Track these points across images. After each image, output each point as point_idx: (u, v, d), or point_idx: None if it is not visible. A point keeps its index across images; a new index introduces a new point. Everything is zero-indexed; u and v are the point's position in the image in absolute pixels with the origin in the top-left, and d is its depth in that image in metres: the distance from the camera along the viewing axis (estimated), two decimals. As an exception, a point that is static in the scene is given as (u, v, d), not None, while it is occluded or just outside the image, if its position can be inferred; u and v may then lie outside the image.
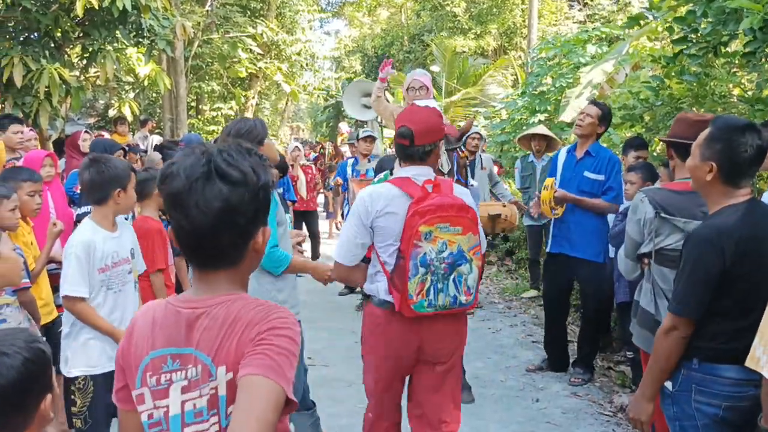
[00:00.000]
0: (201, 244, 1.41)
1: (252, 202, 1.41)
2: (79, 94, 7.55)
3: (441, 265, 2.79)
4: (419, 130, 2.85)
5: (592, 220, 4.84)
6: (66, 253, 3.18)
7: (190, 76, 16.92)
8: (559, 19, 23.44)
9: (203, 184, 1.36)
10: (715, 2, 3.67)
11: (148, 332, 1.47)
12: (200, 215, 1.36)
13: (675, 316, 2.36)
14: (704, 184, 2.42)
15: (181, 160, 1.41)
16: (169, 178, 1.40)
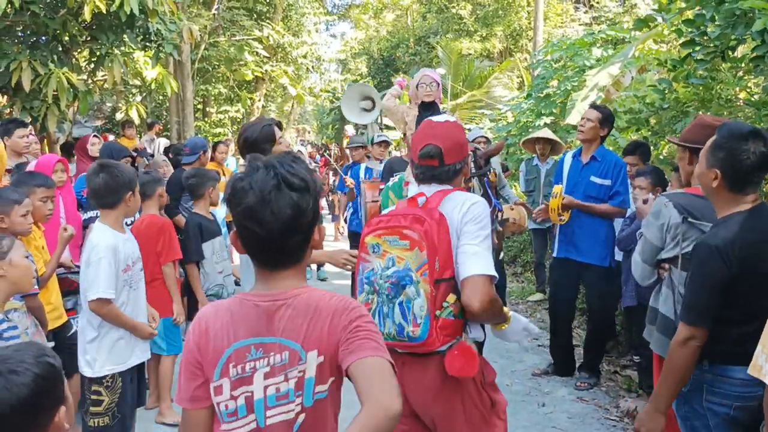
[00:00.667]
0: (275, 248, 1.59)
1: (314, 205, 1.60)
2: (86, 97, 7.58)
3: (385, 284, 2.39)
4: (448, 147, 2.52)
5: (599, 225, 4.84)
6: (92, 258, 3.28)
7: (197, 79, 16.97)
8: (564, 22, 23.42)
9: (276, 194, 1.53)
10: (724, 5, 3.66)
11: (228, 326, 1.62)
12: (274, 222, 1.53)
13: (690, 326, 2.37)
14: (711, 191, 2.45)
15: (249, 175, 1.57)
16: (242, 193, 1.55)
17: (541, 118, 9.84)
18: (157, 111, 17.74)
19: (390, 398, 1.42)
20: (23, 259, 2.79)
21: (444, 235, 2.39)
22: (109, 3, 6.86)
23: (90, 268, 3.28)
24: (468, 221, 2.42)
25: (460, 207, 2.45)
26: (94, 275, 3.26)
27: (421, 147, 2.53)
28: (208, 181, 4.83)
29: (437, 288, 2.35)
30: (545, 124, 9.66)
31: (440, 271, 2.36)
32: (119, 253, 3.37)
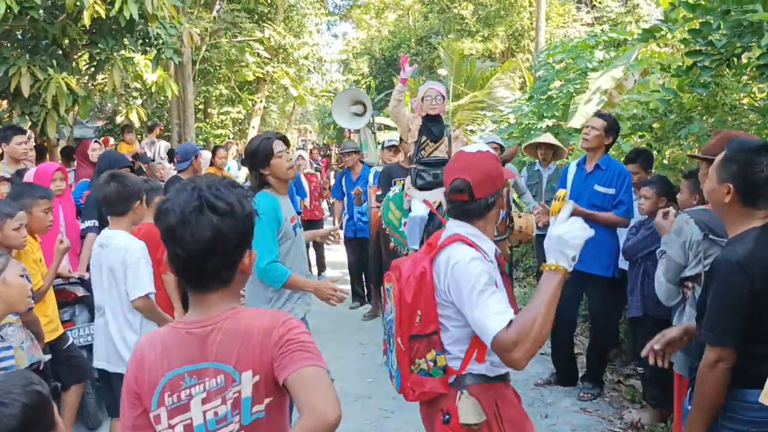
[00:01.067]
0: (195, 269, 1.61)
1: (238, 230, 1.61)
2: (86, 102, 7.55)
3: (387, 329, 2.45)
4: (478, 181, 2.36)
5: (603, 235, 4.77)
6: (128, 260, 3.51)
7: (198, 81, 16.93)
8: (566, 22, 23.37)
9: (196, 216, 1.56)
10: (730, 15, 3.61)
11: (161, 356, 1.63)
12: (194, 244, 1.56)
13: (717, 347, 2.28)
14: (722, 207, 2.39)
15: (174, 196, 1.60)
16: (164, 214, 1.59)
17: (543, 120, 9.78)
18: (158, 112, 17.71)
19: (327, 406, 1.47)
20: (18, 278, 2.75)
21: (426, 290, 2.31)
22: (109, 8, 6.81)
23: (129, 270, 3.51)
24: (455, 287, 2.25)
25: (446, 267, 2.30)
26: (135, 275, 3.51)
27: (451, 181, 2.40)
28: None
29: (413, 344, 2.33)
30: (547, 126, 9.61)
31: (421, 326, 2.31)
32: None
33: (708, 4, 3.76)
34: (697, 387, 2.37)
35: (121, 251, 3.54)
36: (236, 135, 20.03)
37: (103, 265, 3.61)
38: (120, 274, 3.53)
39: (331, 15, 27.37)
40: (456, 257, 2.28)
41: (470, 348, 2.32)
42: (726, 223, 2.43)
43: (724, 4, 3.51)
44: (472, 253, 2.29)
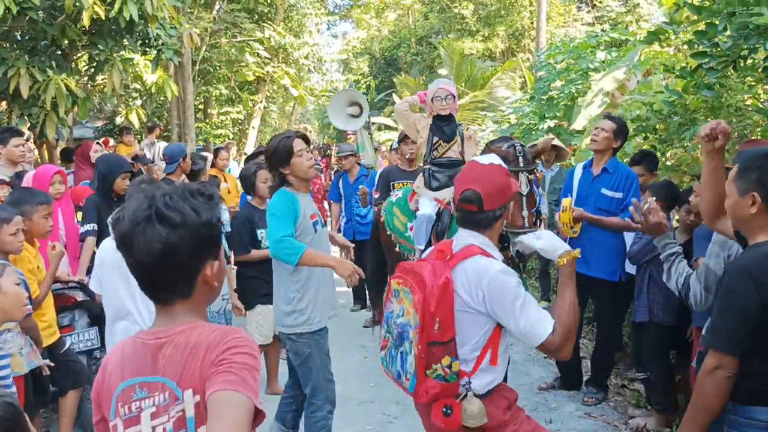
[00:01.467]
0: (149, 280, 1.56)
1: (193, 241, 1.52)
2: (86, 103, 7.51)
3: (394, 330, 2.54)
4: (488, 193, 2.51)
5: (609, 239, 4.74)
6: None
7: (198, 81, 16.88)
8: (567, 21, 23.32)
9: (144, 226, 1.49)
10: (736, 17, 3.57)
11: (118, 366, 1.60)
12: (143, 255, 1.50)
13: (717, 352, 2.22)
14: (748, 219, 2.31)
15: (128, 203, 1.56)
16: (118, 222, 1.54)
17: (545, 121, 9.73)
18: (158, 112, 17.66)
19: None
20: (13, 286, 2.71)
21: (447, 299, 2.42)
22: (108, 9, 6.76)
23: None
24: (494, 300, 2.41)
25: (477, 280, 2.44)
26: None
27: (462, 191, 2.55)
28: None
29: (431, 350, 2.42)
30: (549, 127, 9.57)
31: (439, 334, 2.42)
32: None
33: (713, 6, 3.72)
34: (695, 393, 2.32)
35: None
36: (236, 135, 19.97)
37: (114, 265, 3.46)
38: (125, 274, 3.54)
39: (331, 15, 27.29)
40: (489, 272, 2.43)
41: (482, 352, 2.48)
42: (750, 238, 2.34)
43: (729, 6, 3.46)
44: (500, 265, 2.46)
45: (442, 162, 4.90)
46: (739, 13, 3.58)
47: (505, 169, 2.64)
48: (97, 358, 4.47)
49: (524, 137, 10.07)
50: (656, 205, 3.22)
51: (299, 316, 3.60)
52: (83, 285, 4.52)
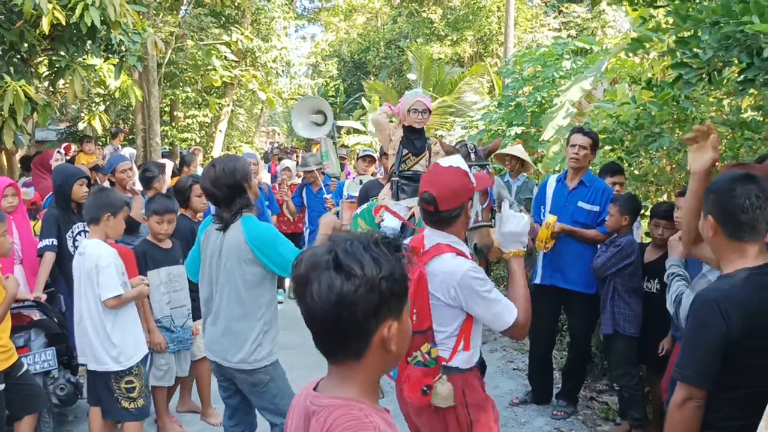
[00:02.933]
0: (320, 332, 1.41)
1: (369, 296, 1.37)
2: (45, 110, 7.29)
3: None
4: (443, 196, 2.67)
5: (585, 252, 4.75)
6: (100, 264, 3.78)
7: (164, 84, 16.61)
8: (534, 27, 23.51)
9: (319, 274, 1.37)
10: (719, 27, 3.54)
11: (290, 415, 1.55)
12: (315, 304, 1.37)
13: (686, 385, 2.19)
14: (712, 243, 2.30)
15: (312, 247, 1.49)
16: (297, 264, 1.43)
17: (512, 127, 9.76)
18: (123, 115, 17.35)
19: None
20: None
21: (422, 291, 2.61)
22: (69, 14, 6.58)
23: (101, 274, 3.76)
24: (467, 296, 2.61)
25: (451, 276, 2.62)
26: (107, 278, 3.76)
27: (421, 192, 2.73)
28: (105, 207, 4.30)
29: (413, 338, 2.36)
30: (516, 134, 9.60)
31: (417, 323, 2.61)
32: (117, 258, 3.90)
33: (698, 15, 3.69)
34: (666, 425, 2.29)
35: (94, 257, 3.79)
36: (203, 139, 19.73)
37: (82, 272, 3.84)
38: (94, 278, 3.77)
39: (300, 18, 27.12)
40: (460, 269, 2.62)
41: (457, 340, 2.69)
42: (720, 261, 2.32)
43: (714, 14, 3.44)
44: (469, 263, 2.66)
45: (409, 175, 4.86)
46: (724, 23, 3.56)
47: (463, 171, 2.74)
48: (55, 378, 4.33)
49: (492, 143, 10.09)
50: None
51: (261, 350, 3.40)
52: (40, 303, 4.37)
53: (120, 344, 3.82)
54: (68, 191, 4.83)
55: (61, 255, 4.73)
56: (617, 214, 4.47)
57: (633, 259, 4.39)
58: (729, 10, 3.44)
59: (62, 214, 4.82)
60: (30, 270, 4.76)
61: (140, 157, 13.25)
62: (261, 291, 3.35)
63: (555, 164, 7.65)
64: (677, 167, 5.78)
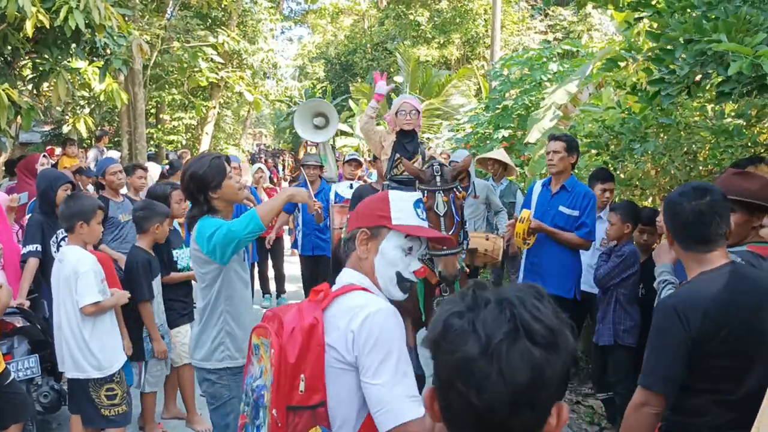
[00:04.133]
0: (493, 426, 1.07)
1: (562, 372, 1.07)
2: (29, 114, 7.23)
3: (251, 397, 1.96)
4: (351, 221, 2.18)
5: (566, 256, 4.76)
6: (79, 270, 3.79)
7: (150, 85, 16.53)
8: (521, 30, 23.62)
9: (509, 346, 1.04)
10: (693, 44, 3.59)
11: None
12: (501, 388, 1.03)
13: (643, 389, 2.24)
14: (674, 251, 2.39)
15: (471, 310, 1.09)
16: (459, 336, 1.06)
17: (500, 131, 9.80)
18: (108, 118, 17.24)
19: None
20: None
21: (314, 346, 1.85)
22: (53, 17, 6.53)
23: (80, 281, 3.77)
24: (363, 350, 1.83)
25: (349, 319, 1.87)
26: (85, 285, 3.77)
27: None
28: (155, 216, 4.54)
29: (292, 417, 1.84)
30: (503, 137, 9.64)
31: (305, 396, 1.84)
32: (96, 265, 3.90)
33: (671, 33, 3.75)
34: (622, 426, 2.33)
35: (72, 263, 3.81)
36: (189, 141, 19.64)
37: (60, 279, 3.85)
38: (73, 285, 3.78)
39: (287, 19, 27.09)
40: (371, 307, 1.88)
41: (365, 422, 1.88)
42: (686, 270, 2.37)
43: (687, 32, 3.49)
44: (383, 304, 1.91)
45: (401, 179, 4.81)
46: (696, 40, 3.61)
47: (377, 192, 2.45)
48: (38, 385, 4.30)
49: (479, 146, 10.13)
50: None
51: (224, 350, 3.20)
52: (23, 310, 4.33)
53: (99, 352, 3.84)
54: (52, 196, 4.80)
55: (45, 261, 4.68)
56: (619, 223, 4.38)
57: (636, 269, 4.33)
58: (700, 28, 3.49)
59: (46, 219, 4.78)
60: (12, 276, 4.72)
61: (125, 159, 13.18)
62: (216, 289, 3.18)
63: (541, 168, 7.69)
64: (662, 171, 5.82)
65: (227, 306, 3.20)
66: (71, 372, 3.85)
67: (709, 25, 3.28)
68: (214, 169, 3.18)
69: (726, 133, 5.00)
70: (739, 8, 3.41)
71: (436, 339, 1.10)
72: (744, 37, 3.20)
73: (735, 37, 3.19)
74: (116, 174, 5.83)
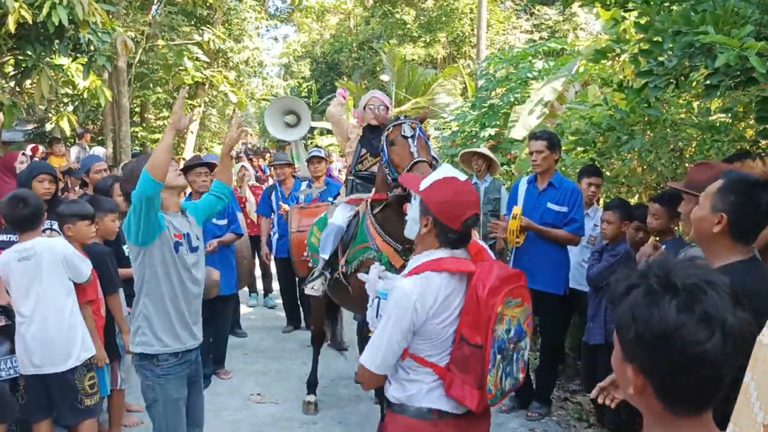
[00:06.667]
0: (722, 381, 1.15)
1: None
2: (11, 111, 7.16)
3: (510, 346, 2.37)
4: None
5: (554, 252, 4.76)
6: (67, 252, 3.86)
7: (134, 84, 16.40)
8: (506, 29, 23.67)
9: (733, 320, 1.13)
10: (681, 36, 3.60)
11: None
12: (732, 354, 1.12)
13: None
14: (708, 236, 2.31)
15: (706, 301, 1.12)
16: (701, 329, 1.10)
17: (486, 129, 9.80)
18: (92, 116, 17.10)
19: None
20: None
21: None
22: (36, 13, 6.46)
23: (75, 260, 3.86)
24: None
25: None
26: (80, 260, 3.89)
27: (471, 215, 2.35)
28: (98, 211, 4.37)
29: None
30: (490, 135, 9.63)
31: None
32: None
33: (659, 25, 3.75)
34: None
35: (54, 250, 3.83)
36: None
37: (34, 273, 3.78)
38: (62, 269, 3.81)
39: (272, 18, 26.97)
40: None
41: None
42: (706, 252, 2.36)
43: (675, 24, 3.49)
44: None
45: (365, 175, 4.69)
46: (684, 32, 3.61)
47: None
48: (20, 385, 4.22)
49: (466, 144, 10.12)
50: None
51: (141, 334, 3.15)
52: (4, 308, 4.25)
53: (85, 334, 3.91)
54: (29, 187, 4.71)
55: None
56: (617, 221, 4.37)
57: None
58: (688, 20, 3.50)
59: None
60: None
61: (110, 158, 13.06)
62: (139, 273, 3.15)
63: (528, 166, 7.69)
64: (648, 169, 5.83)
65: (147, 290, 3.14)
66: (66, 363, 3.79)
67: (697, 17, 3.28)
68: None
69: (713, 129, 5.02)
70: (726, 0, 3.42)
71: (647, 333, 1.13)
72: (731, 29, 3.20)
73: (722, 29, 3.20)
74: (100, 172, 5.77)
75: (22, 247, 3.87)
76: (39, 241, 3.87)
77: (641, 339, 1.14)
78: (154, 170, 2.90)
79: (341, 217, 4.51)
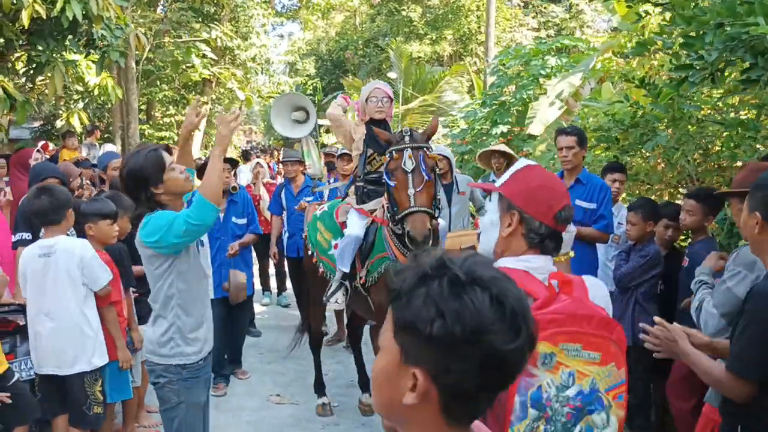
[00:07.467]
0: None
1: None
2: (24, 107, 7.09)
3: (563, 408, 1.77)
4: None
5: (584, 252, 4.66)
6: (85, 255, 3.78)
7: (142, 82, 16.34)
8: (513, 26, 23.58)
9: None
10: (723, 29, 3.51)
11: None
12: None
13: (733, 375, 2.14)
14: (756, 241, 2.25)
15: (510, 296, 1.04)
16: (512, 327, 1.02)
17: (497, 126, 9.71)
18: (99, 113, 17.04)
19: None
20: None
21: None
22: (50, 8, 6.39)
23: (93, 264, 3.78)
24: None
25: (602, 298, 1.92)
26: (99, 266, 3.81)
27: (564, 206, 1.92)
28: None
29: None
30: (502, 132, 9.55)
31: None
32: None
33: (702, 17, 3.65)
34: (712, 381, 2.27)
35: (72, 252, 3.75)
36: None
37: (51, 272, 3.73)
38: (77, 273, 3.73)
39: (279, 15, 26.90)
40: (602, 285, 2.05)
41: None
42: (761, 258, 2.28)
43: (719, 16, 3.40)
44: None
45: (374, 178, 4.38)
46: (728, 24, 3.52)
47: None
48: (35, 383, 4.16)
49: (476, 142, 10.04)
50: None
51: (174, 345, 3.02)
52: (23, 307, 4.18)
53: (98, 341, 3.84)
54: None
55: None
56: (641, 222, 4.27)
57: (660, 269, 4.22)
58: (733, 12, 3.40)
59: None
60: (10, 272, 4.56)
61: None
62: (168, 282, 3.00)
63: (543, 163, 7.62)
64: (669, 166, 5.75)
65: (180, 300, 3.01)
66: (73, 367, 3.75)
67: (743, 8, 3.19)
68: (151, 163, 2.97)
69: (741, 125, 4.93)
70: (775, -8, 3.33)
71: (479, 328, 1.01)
72: (781, 21, 3.11)
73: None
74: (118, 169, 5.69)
75: (44, 243, 3.85)
76: (61, 240, 3.82)
77: (447, 336, 0.99)
78: (213, 198, 2.83)
79: (357, 226, 4.29)
